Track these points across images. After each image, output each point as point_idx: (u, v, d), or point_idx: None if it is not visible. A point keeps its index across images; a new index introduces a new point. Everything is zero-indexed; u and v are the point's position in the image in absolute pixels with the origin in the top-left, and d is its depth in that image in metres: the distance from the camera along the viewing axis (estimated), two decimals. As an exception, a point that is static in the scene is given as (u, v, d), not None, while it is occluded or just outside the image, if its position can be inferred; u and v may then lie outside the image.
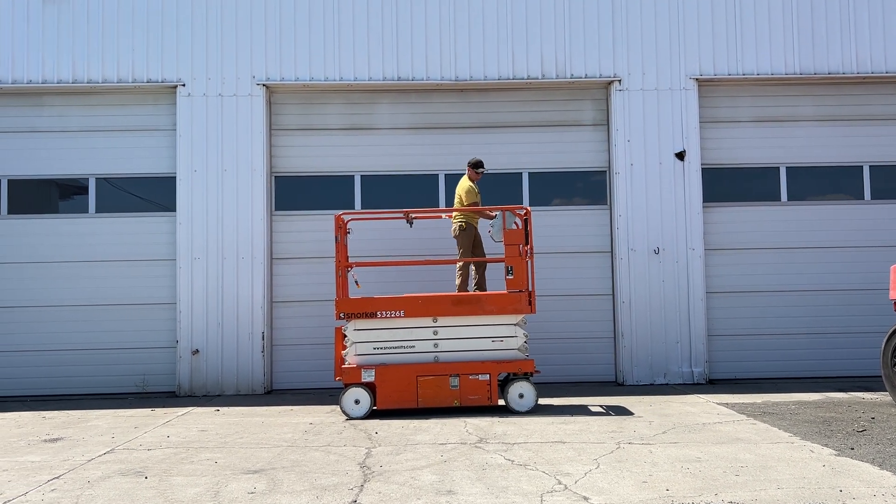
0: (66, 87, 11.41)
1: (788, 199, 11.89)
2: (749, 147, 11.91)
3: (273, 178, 11.67)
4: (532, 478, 5.99)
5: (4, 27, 11.35)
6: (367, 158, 11.81)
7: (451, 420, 8.59)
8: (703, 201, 11.58)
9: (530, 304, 9.13)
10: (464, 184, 10.25)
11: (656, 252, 11.42)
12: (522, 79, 11.56)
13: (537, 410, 9.10)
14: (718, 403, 9.50)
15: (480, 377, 8.99)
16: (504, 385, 9.13)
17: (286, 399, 10.64)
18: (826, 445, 6.96)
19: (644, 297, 11.37)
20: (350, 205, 11.70)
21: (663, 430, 7.81)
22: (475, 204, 10.06)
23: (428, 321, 9.10)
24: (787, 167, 11.91)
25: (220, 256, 11.19)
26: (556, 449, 7.03)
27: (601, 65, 11.62)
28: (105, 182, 11.63)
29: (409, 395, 8.98)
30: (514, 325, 9.12)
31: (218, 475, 6.28)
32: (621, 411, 9.06)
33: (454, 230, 10.21)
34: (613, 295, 11.63)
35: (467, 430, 7.98)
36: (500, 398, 9.15)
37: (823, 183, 11.99)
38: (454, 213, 10.22)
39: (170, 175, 11.47)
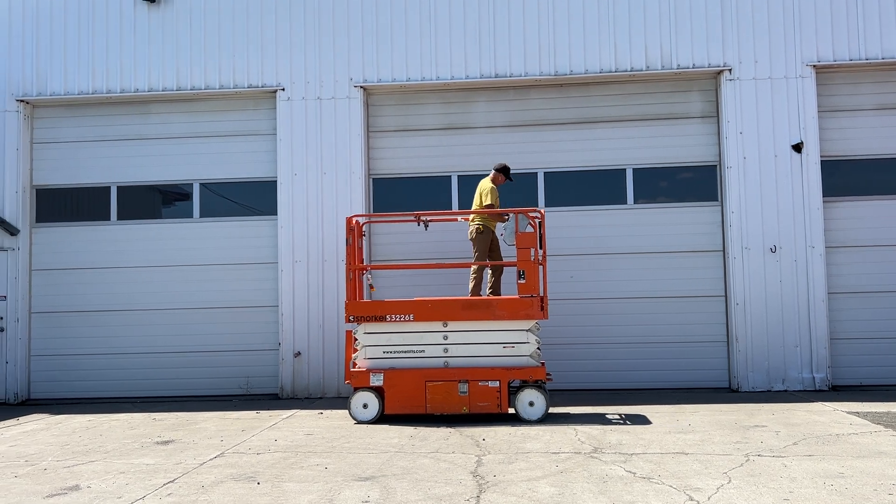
0: (170, 94, 11.66)
1: (919, 192, 11.04)
2: (873, 137, 11.09)
3: (371, 180, 11.60)
4: (659, 492, 5.61)
5: (113, 38, 11.69)
6: (464, 158, 11.59)
7: (559, 427, 8.27)
8: (823, 196, 10.84)
9: (543, 309, 8.83)
10: (486, 184, 9.90)
11: (773, 251, 10.77)
12: (626, 71, 11.11)
13: (643, 420, 8.67)
14: (848, 412, 8.82)
15: (490, 384, 8.73)
16: (517, 392, 8.82)
17: (387, 403, 10.52)
18: None
19: (760, 299, 10.73)
20: (447, 205, 11.52)
21: (794, 442, 7.26)
22: (492, 206, 9.68)
23: (438, 325, 8.92)
24: (916, 157, 11.06)
25: (321, 259, 11.19)
26: (679, 461, 6.60)
27: (710, 54, 11.05)
28: (206, 188, 11.81)
29: (417, 401, 8.82)
30: (526, 330, 8.83)
31: (329, 482, 6.15)
32: (742, 420, 8.51)
33: (471, 233, 9.87)
34: (726, 296, 11.02)
35: (579, 439, 7.63)
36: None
37: (958, 173, 11.07)
38: (471, 217, 9.90)
39: (271, 179, 11.55)
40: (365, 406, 8.91)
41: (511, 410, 8.83)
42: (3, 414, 10.46)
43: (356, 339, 9.07)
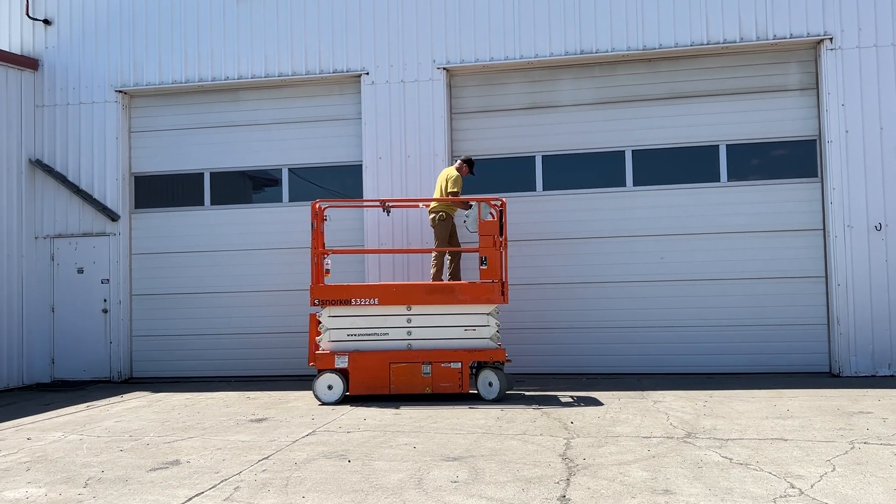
0: (259, 81, 11.91)
1: None
2: None
3: (455, 161, 11.55)
4: (758, 479, 5.39)
5: (203, 28, 12.02)
6: (548, 137, 11.43)
7: (650, 411, 8.08)
8: (935, 170, 10.21)
9: (503, 293, 9.14)
10: (451, 172, 10.04)
11: (878, 229, 10.20)
12: (718, 43, 10.69)
13: (739, 404, 8.37)
14: (963, 400, 8.30)
15: (452, 365, 9.06)
16: (477, 373, 9.18)
17: (473, 384, 10.53)
18: None
19: (864, 279, 10.20)
20: (531, 186, 11.39)
21: (903, 430, 6.88)
22: (456, 193, 9.84)
23: (402, 309, 9.17)
24: None
25: (405, 242, 11.25)
26: (777, 447, 6.35)
27: (808, 23, 10.50)
28: (294, 173, 12.02)
29: (381, 382, 9.08)
30: (487, 314, 9.14)
31: (418, 461, 6.19)
32: (845, 406, 8.12)
33: (433, 220, 10.03)
34: (826, 277, 10.53)
35: (671, 424, 7.44)
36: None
37: None
38: (433, 204, 10.06)
39: (356, 163, 11.68)
40: (329, 387, 9.18)
41: (472, 391, 9.11)
42: (108, 391, 11.00)
43: (320, 323, 9.30)
